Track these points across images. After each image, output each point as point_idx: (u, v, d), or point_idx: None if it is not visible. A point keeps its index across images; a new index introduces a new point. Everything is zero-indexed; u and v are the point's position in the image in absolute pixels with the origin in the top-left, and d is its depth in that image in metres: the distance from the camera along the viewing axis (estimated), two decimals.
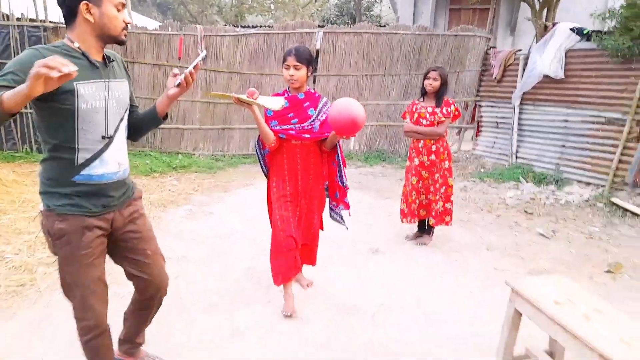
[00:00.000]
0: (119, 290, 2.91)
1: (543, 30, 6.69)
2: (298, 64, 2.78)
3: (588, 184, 5.91)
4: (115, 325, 2.17)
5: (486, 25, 8.32)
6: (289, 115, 2.86)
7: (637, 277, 3.73)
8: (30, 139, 7.66)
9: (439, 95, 4.13)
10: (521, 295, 2.29)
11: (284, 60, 2.82)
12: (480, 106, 7.85)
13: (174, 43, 7.66)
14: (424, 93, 4.21)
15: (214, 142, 7.98)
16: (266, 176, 3.14)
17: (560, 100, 6.33)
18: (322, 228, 3.26)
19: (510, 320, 2.37)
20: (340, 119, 2.58)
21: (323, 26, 8.57)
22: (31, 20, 7.43)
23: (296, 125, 2.86)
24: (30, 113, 7.36)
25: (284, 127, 2.86)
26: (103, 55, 1.85)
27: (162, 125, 7.68)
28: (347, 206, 3.20)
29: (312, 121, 2.88)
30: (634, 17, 5.18)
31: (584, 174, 5.98)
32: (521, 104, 6.90)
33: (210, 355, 2.60)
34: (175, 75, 1.95)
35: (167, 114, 2.08)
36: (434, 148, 4.19)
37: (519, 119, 6.95)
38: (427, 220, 4.38)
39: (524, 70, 6.89)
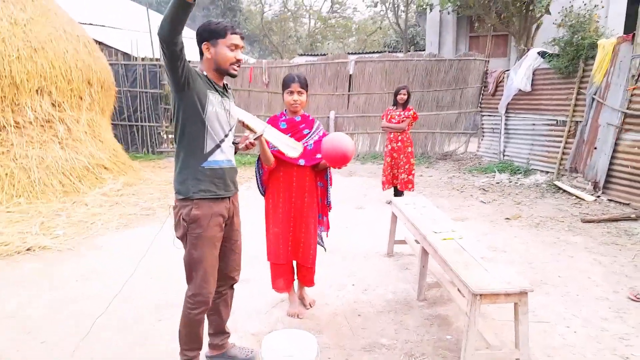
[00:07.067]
0: None
1: (522, 54, 8.50)
2: (301, 89, 3.02)
3: (547, 172, 7.61)
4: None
5: (503, 49, 10.21)
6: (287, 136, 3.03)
7: (522, 222, 5.57)
8: (147, 144, 10.81)
9: (404, 104, 6.31)
10: (393, 202, 4.46)
11: (287, 86, 3.03)
12: (482, 116, 9.69)
13: (246, 73, 10.46)
14: (395, 103, 6.40)
15: None
16: (262, 194, 3.27)
17: (530, 108, 8.11)
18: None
19: (390, 219, 4.53)
20: (332, 152, 2.83)
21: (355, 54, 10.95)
22: (150, 59, 10.64)
23: None
24: (149, 126, 10.55)
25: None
26: (223, 84, 2.39)
27: None
28: (327, 227, 3.43)
29: (306, 140, 3.09)
30: (568, 44, 6.97)
31: (544, 165, 7.70)
32: (506, 112, 8.70)
33: None
34: (247, 137, 2.50)
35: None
36: (400, 138, 6.35)
37: (505, 124, 8.75)
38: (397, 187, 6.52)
39: None
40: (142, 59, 10.59)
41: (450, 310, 3.40)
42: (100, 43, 10.08)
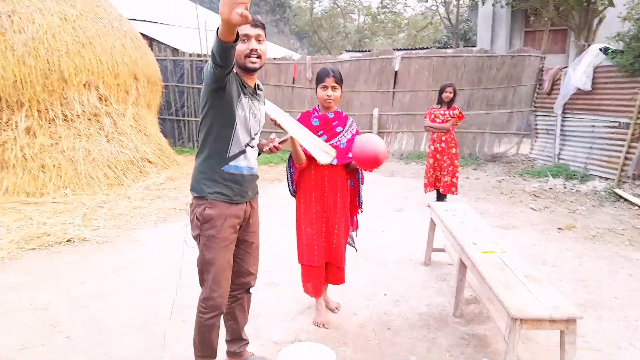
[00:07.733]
0: None
1: (582, 50, 7.89)
2: (336, 85, 2.91)
3: (606, 178, 7.02)
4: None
5: (561, 45, 9.57)
6: (319, 133, 2.93)
7: (576, 233, 5.12)
8: (194, 139, 10.99)
9: (449, 102, 5.98)
10: (432, 208, 4.19)
11: (321, 80, 2.91)
12: (536, 116, 9.11)
13: (290, 69, 10.39)
14: (440, 101, 6.08)
15: None
16: (293, 195, 3.19)
17: (589, 109, 7.50)
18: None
19: (429, 225, 4.27)
20: (362, 155, 2.68)
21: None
22: (197, 55, 10.78)
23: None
24: (195, 121, 10.71)
25: None
26: (255, 85, 2.31)
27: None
28: (356, 227, 3.36)
29: (339, 138, 2.99)
30: (634, 39, 6.37)
31: (604, 170, 7.10)
32: (563, 112, 8.12)
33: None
34: (272, 140, 2.39)
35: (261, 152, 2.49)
36: (443, 138, 6.03)
37: (562, 126, 8.16)
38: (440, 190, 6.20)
39: None
40: (190, 55, 10.74)
41: (489, 329, 3.13)
42: (151, 39, 10.31)
